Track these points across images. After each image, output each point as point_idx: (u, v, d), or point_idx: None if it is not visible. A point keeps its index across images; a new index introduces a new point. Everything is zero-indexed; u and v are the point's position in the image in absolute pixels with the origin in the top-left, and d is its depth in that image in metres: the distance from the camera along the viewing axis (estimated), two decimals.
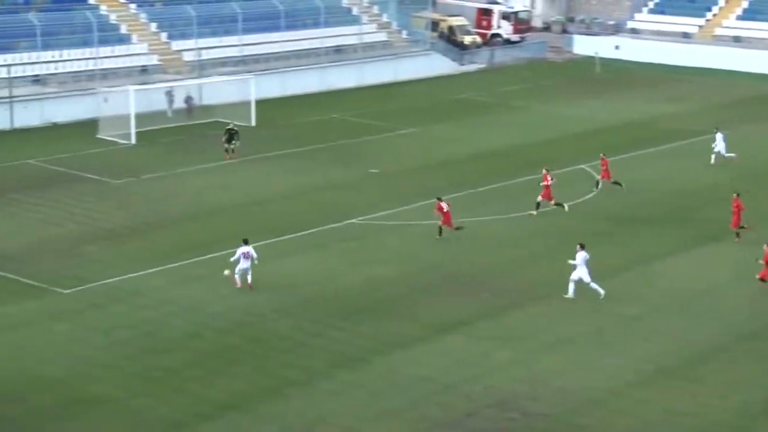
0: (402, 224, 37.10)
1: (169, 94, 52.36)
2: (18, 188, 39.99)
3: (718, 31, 73.33)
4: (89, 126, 49.30)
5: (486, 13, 76.60)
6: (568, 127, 52.95)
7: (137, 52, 55.87)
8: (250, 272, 30.18)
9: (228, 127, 45.19)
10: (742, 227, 35.86)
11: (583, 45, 75.37)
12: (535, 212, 38.18)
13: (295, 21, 62.53)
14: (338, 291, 30.82)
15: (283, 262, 32.94)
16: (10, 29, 51.66)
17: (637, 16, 77.18)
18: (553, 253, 34.50)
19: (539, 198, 38.31)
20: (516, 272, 32.70)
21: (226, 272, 30.27)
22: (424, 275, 32.23)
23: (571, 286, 30.30)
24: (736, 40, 71.97)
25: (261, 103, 52.75)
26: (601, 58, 70.31)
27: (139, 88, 49.94)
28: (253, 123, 51.23)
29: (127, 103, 47.34)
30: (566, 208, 38.48)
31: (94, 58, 53.63)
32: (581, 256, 30.30)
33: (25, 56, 51.77)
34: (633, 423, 23.74)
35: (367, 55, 64.29)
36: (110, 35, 55.60)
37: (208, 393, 24.42)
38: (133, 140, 47.15)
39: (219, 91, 53.48)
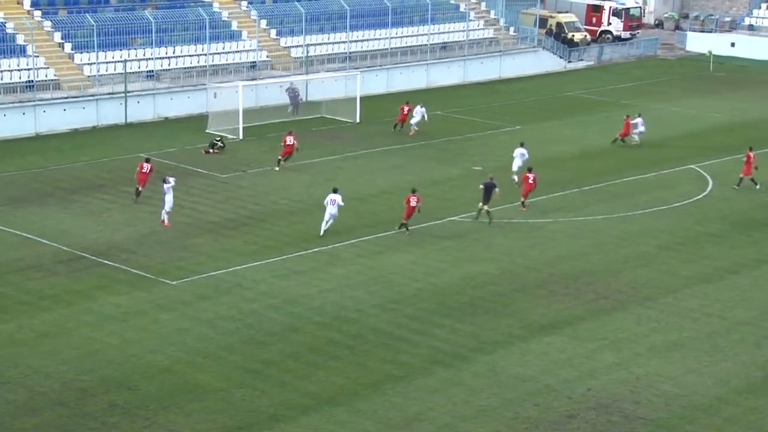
0: (504, 222, 36.74)
1: (292, 91, 52.77)
2: (130, 181, 41.15)
3: None
4: (199, 121, 50.48)
5: (596, 9, 75.27)
6: (678, 127, 51.57)
7: (247, 48, 56.91)
8: (332, 219, 34.36)
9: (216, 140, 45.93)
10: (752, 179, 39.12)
11: (697, 42, 73.30)
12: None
13: (402, 18, 62.66)
14: (438, 288, 30.74)
15: (384, 258, 33.04)
16: (127, 26, 53.31)
17: (756, 12, 74.58)
18: (661, 254, 33.69)
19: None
20: (622, 273, 32.03)
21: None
22: (527, 274, 31.86)
23: None
24: None
25: (366, 100, 53.06)
26: (716, 56, 68.23)
27: (247, 84, 50.87)
28: (358, 119, 51.57)
29: (236, 98, 48.27)
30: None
31: (205, 55, 54.89)
32: None
33: (140, 52, 53.35)
34: (741, 431, 22.99)
35: (473, 52, 63.95)
36: (222, 32, 56.80)
37: (307, 386, 24.67)
38: (241, 135, 48.04)
39: (325, 87, 54.00)
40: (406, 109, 49.05)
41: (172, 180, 35.95)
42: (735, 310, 29.40)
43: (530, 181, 37.58)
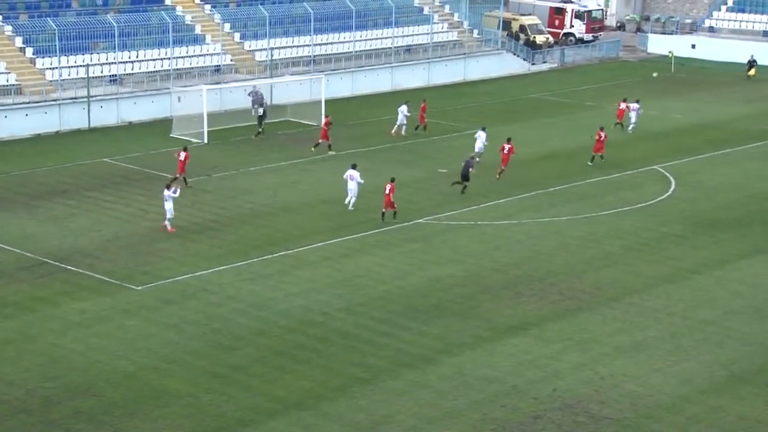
0: (470, 224, 36.91)
1: (255, 94, 52.67)
2: (94, 186, 40.88)
3: None
4: (163, 125, 50.19)
5: (559, 11, 75.85)
6: (641, 128, 52.07)
7: (211, 52, 56.67)
8: (354, 194, 37.18)
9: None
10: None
11: (658, 44, 74.09)
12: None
13: (366, 21, 62.75)
14: (405, 290, 30.80)
15: (350, 261, 33.05)
16: (89, 30, 52.86)
17: (715, 14, 75.57)
18: (626, 254, 34.01)
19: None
20: (587, 274, 32.28)
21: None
22: (493, 276, 32.01)
23: None
24: None
25: (331, 103, 53.06)
26: (677, 58, 69.01)
27: (211, 88, 50.65)
28: (323, 122, 51.50)
29: (200, 102, 48.06)
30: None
31: (169, 58, 54.58)
32: None
33: (102, 57, 52.93)
34: (705, 430, 23.22)
35: (437, 55, 64.19)
36: (185, 36, 56.52)
37: (274, 390, 24.61)
38: (206, 139, 47.83)
39: (290, 90, 53.91)
40: (423, 107, 49.55)
41: (175, 192, 35.27)
42: (698, 309, 29.74)
43: (505, 151, 41.45)
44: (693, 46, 72.33)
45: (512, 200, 39.79)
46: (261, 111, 51.02)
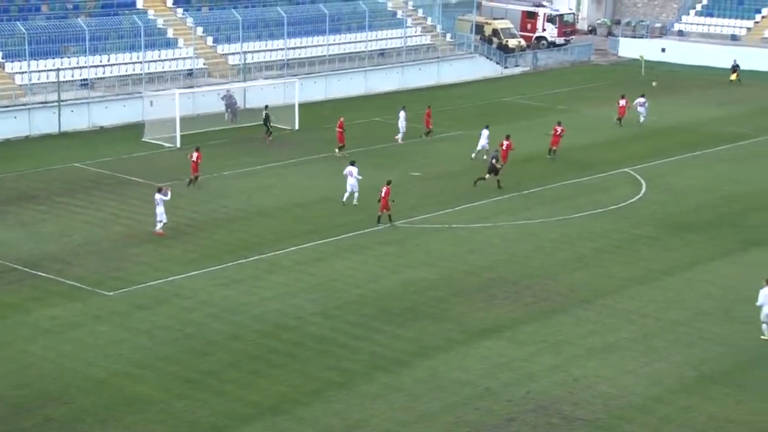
0: (443, 227, 36.99)
1: (229, 98, 52.59)
2: (64, 191, 40.56)
3: None
4: (135, 130, 49.91)
5: (531, 16, 76.23)
6: (613, 131, 52.43)
7: (183, 56, 56.45)
8: (355, 189, 38.08)
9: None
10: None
11: (629, 48, 74.66)
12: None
13: (339, 25, 62.74)
14: (379, 294, 30.81)
15: (324, 265, 33.01)
16: (60, 34, 52.47)
17: (684, 18, 76.25)
18: (598, 256, 34.22)
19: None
20: (560, 276, 32.44)
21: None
22: (467, 279, 32.10)
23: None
24: None
25: (305, 107, 53.01)
26: (647, 61, 69.56)
27: (184, 92, 50.44)
28: (297, 126, 51.47)
29: (173, 106, 47.83)
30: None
31: (140, 62, 54.30)
32: (764, 292, 27.90)
33: (73, 61, 52.55)
34: (676, 430, 23.40)
35: (410, 59, 64.30)
36: (157, 39, 56.26)
37: (248, 395, 24.51)
38: (178, 144, 47.61)
39: (264, 94, 53.81)
40: (428, 113, 49.99)
41: (166, 195, 35.17)
42: (669, 310, 29.98)
43: (503, 148, 43.01)
44: (663, 50, 72.93)
45: (486, 203, 39.93)
46: (228, 116, 51.04)
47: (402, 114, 49.29)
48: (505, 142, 43.56)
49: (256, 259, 33.28)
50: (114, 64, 53.75)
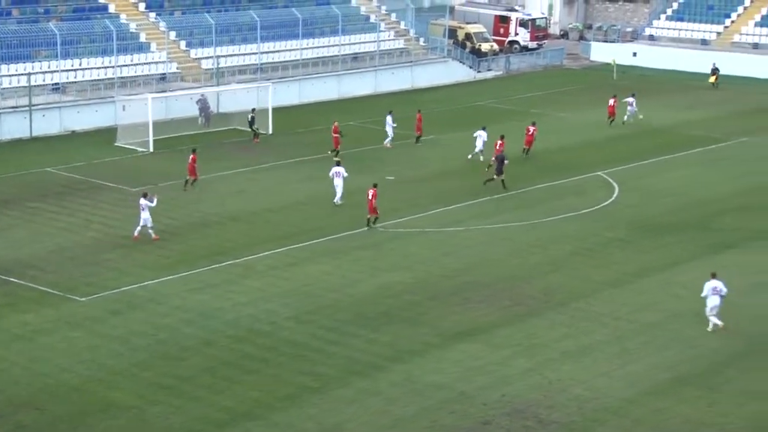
0: (419, 231, 37.04)
1: (202, 102, 52.42)
2: (36, 196, 40.22)
3: (737, 38, 72.93)
4: (108, 134, 49.59)
5: (503, 20, 76.57)
6: (585, 134, 52.76)
7: (156, 60, 56.17)
8: (339, 188, 38.80)
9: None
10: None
11: (601, 52, 75.17)
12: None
13: (312, 29, 62.69)
14: (354, 298, 30.79)
15: (298, 270, 32.95)
16: (31, 38, 52.04)
17: (655, 22, 76.90)
18: (572, 259, 34.40)
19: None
20: (535, 279, 32.57)
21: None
22: (442, 282, 32.15)
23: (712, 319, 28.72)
24: (755, 46, 71.55)
25: (278, 111, 52.91)
26: (619, 65, 70.07)
27: (157, 96, 50.20)
28: (271, 131, 51.37)
29: (146, 111, 47.58)
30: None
31: (113, 67, 53.96)
32: (710, 285, 28.57)
33: (45, 65, 52.13)
34: None
35: (384, 63, 64.38)
36: (129, 44, 55.94)
37: (222, 401, 24.41)
38: (151, 148, 47.36)
39: (237, 98, 53.67)
40: (419, 117, 50.05)
41: (152, 200, 34.94)
42: (642, 313, 30.18)
43: (497, 147, 43.96)
44: (634, 54, 73.49)
45: (461, 207, 40.04)
46: (202, 120, 51.01)
47: (389, 118, 49.29)
48: (499, 142, 44.48)
49: (230, 264, 33.17)
50: (86, 69, 53.39)
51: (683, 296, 31.40)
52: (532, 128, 47.46)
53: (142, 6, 59.05)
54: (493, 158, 42.98)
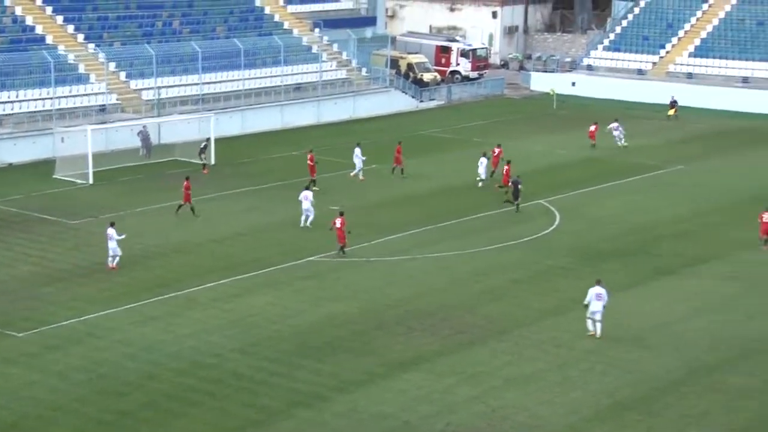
0: (362, 261, 37.07)
1: (144, 134, 52.02)
2: None
3: (672, 68, 74.66)
4: (46, 167, 48.90)
5: (445, 50, 77.38)
6: (527, 163, 53.37)
7: (96, 91, 55.63)
8: (310, 213, 39.83)
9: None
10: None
11: (540, 82, 76.32)
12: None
13: (254, 59, 62.71)
14: (298, 329, 30.65)
15: (242, 301, 32.73)
16: None
17: (593, 53, 78.36)
18: (514, 287, 34.67)
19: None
20: (477, 307, 32.76)
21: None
22: (386, 312, 32.17)
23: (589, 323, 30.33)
24: (689, 76, 73.29)
25: (220, 142, 52.70)
26: (559, 95, 71.20)
27: (96, 128, 49.68)
28: (213, 161, 51.11)
29: (85, 142, 47.04)
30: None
31: (51, 98, 53.31)
32: (593, 291, 30.23)
33: None
34: None
35: (326, 93, 64.58)
36: (68, 75, 55.36)
37: None
38: (91, 180, 46.79)
39: (178, 129, 53.35)
40: (398, 149, 49.70)
41: (120, 235, 35.09)
42: (583, 340, 30.50)
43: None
44: (573, 84, 74.73)
45: (404, 236, 40.18)
46: (143, 152, 50.64)
47: (357, 150, 49.09)
48: (506, 167, 46.77)
49: (173, 296, 32.83)
50: (23, 100, 52.69)
51: (622, 323, 31.81)
52: (497, 149, 49.62)
53: (80, 37, 58.57)
54: (501, 183, 45.70)
